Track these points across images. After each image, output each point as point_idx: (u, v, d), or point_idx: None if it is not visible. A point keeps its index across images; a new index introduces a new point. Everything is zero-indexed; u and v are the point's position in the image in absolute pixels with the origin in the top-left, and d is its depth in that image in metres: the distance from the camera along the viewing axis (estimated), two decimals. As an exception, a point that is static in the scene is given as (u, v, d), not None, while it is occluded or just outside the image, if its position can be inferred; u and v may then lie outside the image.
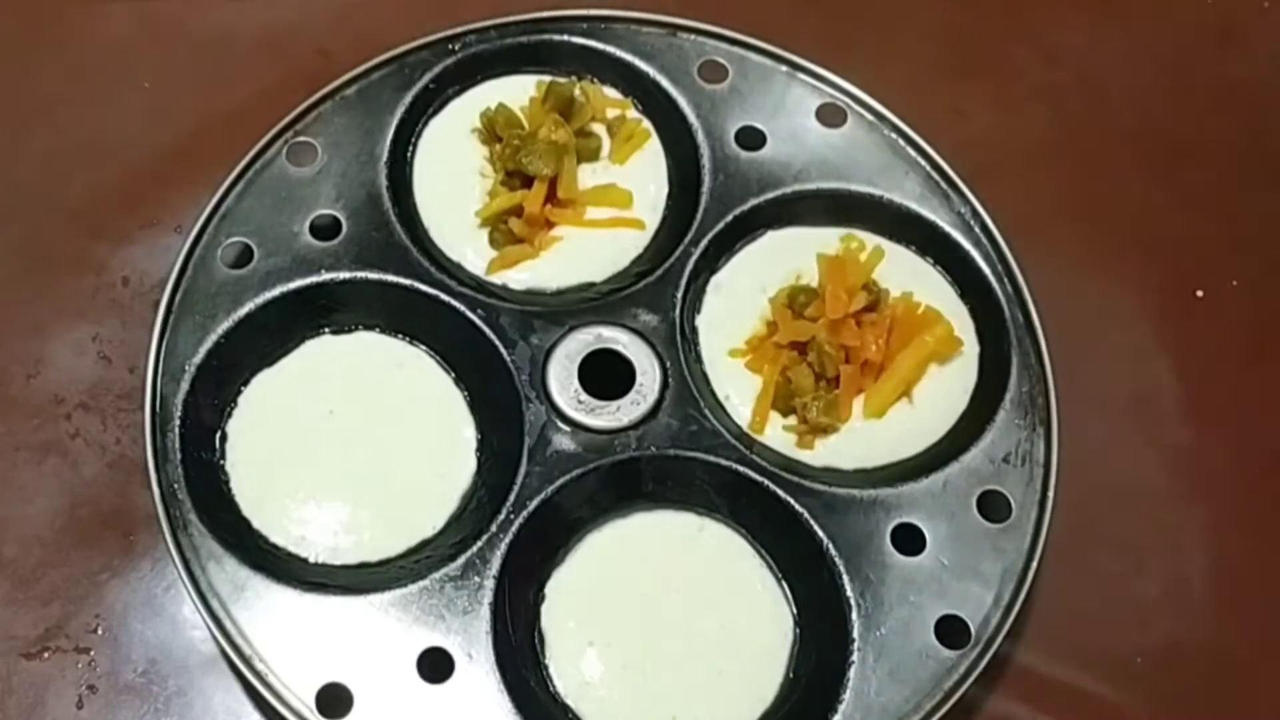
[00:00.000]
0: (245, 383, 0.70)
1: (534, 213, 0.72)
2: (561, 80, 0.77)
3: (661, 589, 0.66)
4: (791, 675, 0.65)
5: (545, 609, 0.65)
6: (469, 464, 0.69)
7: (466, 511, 0.67)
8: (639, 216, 0.75)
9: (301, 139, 0.73)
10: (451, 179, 0.75)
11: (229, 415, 0.69)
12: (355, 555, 0.66)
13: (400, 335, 0.72)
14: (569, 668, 0.64)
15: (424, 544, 0.66)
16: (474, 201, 0.74)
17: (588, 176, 0.75)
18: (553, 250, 0.73)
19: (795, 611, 0.66)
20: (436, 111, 0.76)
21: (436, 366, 0.71)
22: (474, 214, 0.74)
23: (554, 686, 0.64)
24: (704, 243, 0.72)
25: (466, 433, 0.69)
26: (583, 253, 0.73)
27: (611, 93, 0.78)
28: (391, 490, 0.67)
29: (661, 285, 0.71)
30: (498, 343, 0.69)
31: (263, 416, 0.69)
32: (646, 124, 0.77)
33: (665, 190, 0.76)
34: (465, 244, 0.73)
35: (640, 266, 0.73)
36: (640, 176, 0.76)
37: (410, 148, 0.75)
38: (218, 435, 0.68)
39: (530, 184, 0.73)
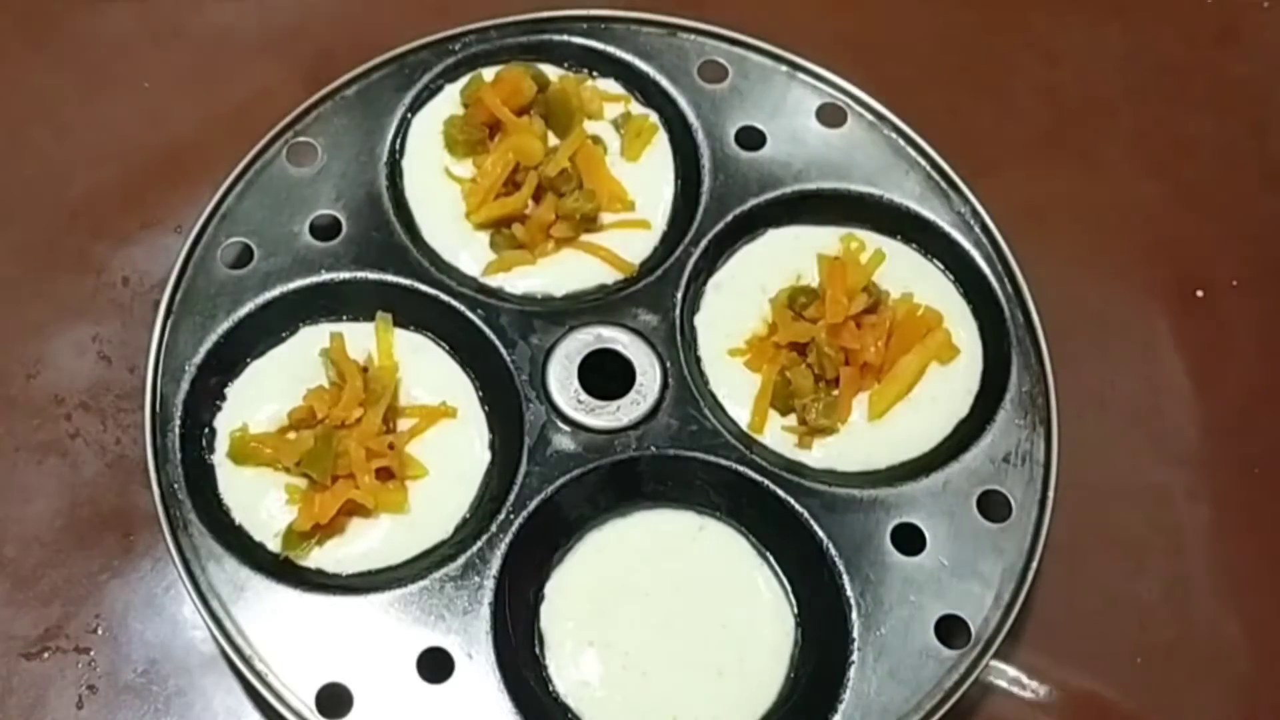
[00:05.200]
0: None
1: (543, 221, 0.72)
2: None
3: (661, 589, 0.66)
4: (792, 675, 0.65)
5: (545, 609, 0.65)
6: (483, 466, 0.68)
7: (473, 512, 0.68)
8: (646, 217, 0.74)
9: (301, 139, 0.73)
10: (442, 177, 0.75)
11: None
12: (377, 561, 0.66)
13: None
14: (569, 668, 0.64)
15: (438, 546, 0.66)
16: (462, 201, 0.74)
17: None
18: (557, 255, 0.73)
19: (796, 611, 0.66)
20: (422, 107, 0.76)
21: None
22: (463, 214, 0.74)
23: (554, 686, 0.64)
24: (704, 243, 0.72)
25: (482, 436, 0.69)
26: (587, 257, 0.73)
27: (610, 88, 0.78)
28: (413, 498, 0.67)
29: (661, 285, 0.71)
30: (497, 343, 0.69)
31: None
32: (654, 117, 0.77)
33: (672, 188, 0.76)
34: (461, 245, 0.73)
35: (648, 266, 0.73)
36: (651, 174, 0.76)
37: (403, 146, 0.75)
38: (218, 436, 0.68)
39: (519, 186, 0.73)
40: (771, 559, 0.67)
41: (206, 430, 0.68)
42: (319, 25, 0.87)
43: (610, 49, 0.78)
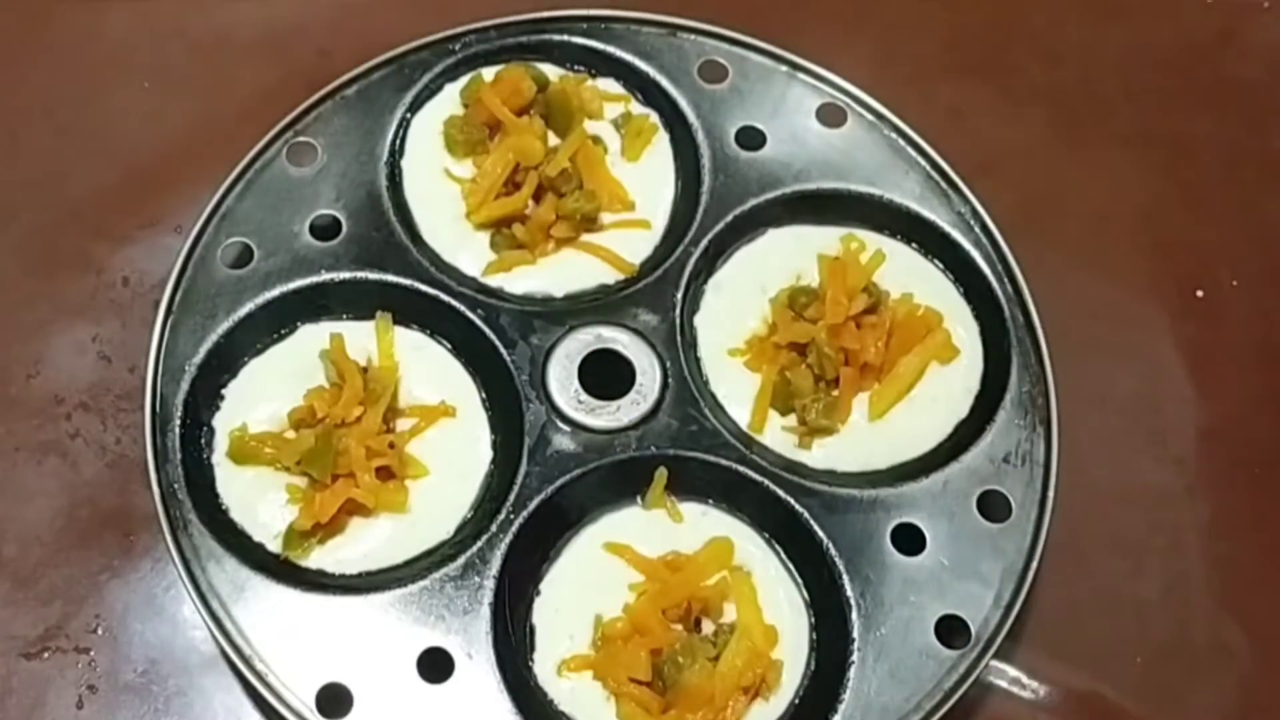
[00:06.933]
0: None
1: (543, 221, 0.72)
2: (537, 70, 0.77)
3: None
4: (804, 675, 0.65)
5: (542, 607, 0.65)
6: (485, 466, 0.68)
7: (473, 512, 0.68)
8: (646, 217, 0.74)
9: (301, 139, 0.73)
10: (442, 177, 0.75)
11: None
12: (377, 562, 0.66)
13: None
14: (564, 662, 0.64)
15: (439, 546, 0.66)
16: (462, 201, 0.74)
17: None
18: (557, 254, 0.73)
19: (808, 605, 0.66)
20: (422, 107, 0.76)
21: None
22: (464, 214, 0.74)
23: (554, 686, 0.64)
24: (704, 243, 0.72)
25: (483, 435, 0.69)
26: (587, 257, 0.73)
27: (610, 88, 0.78)
28: (414, 497, 0.67)
29: (661, 285, 0.71)
30: (497, 343, 0.69)
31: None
32: (654, 117, 0.77)
33: (673, 188, 0.76)
34: (461, 245, 0.73)
35: (648, 266, 0.73)
36: (651, 174, 0.76)
37: (403, 146, 0.75)
38: (217, 435, 0.68)
39: (519, 186, 0.73)
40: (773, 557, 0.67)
41: (206, 430, 0.68)
42: (319, 25, 0.87)
43: (610, 49, 0.78)
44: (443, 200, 0.74)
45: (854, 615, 0.64)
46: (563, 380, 0.69)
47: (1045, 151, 0.86)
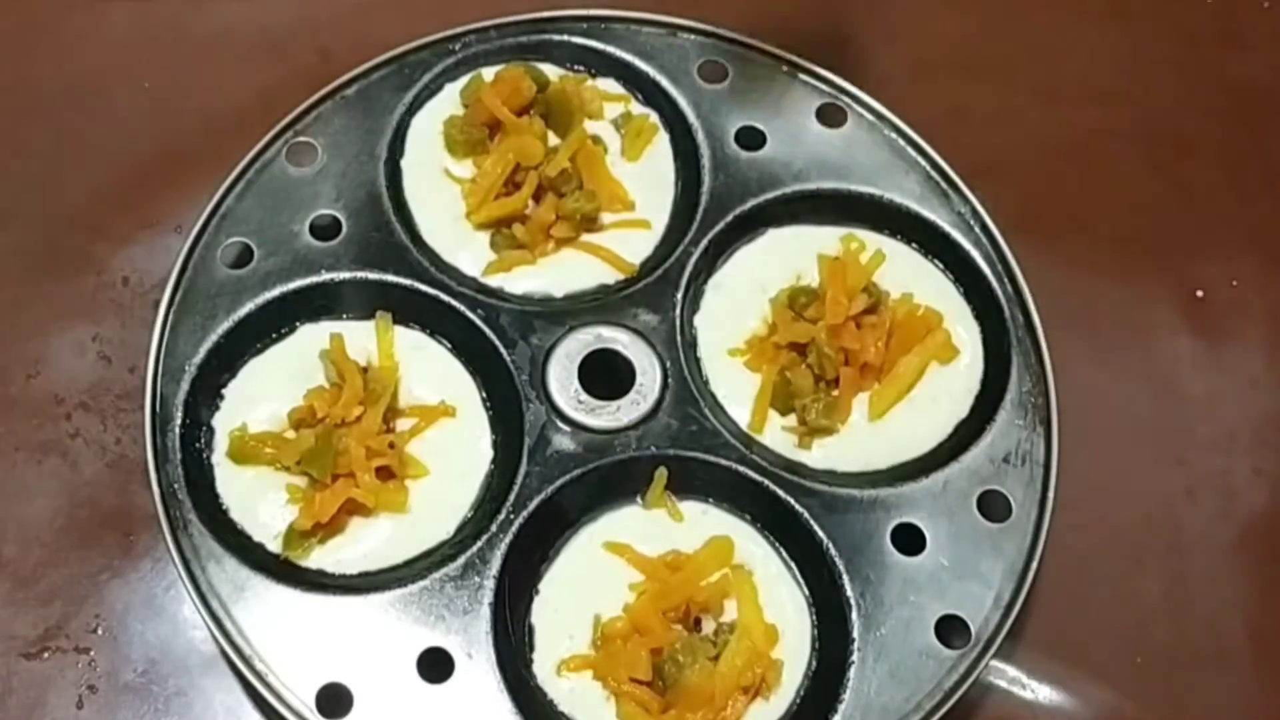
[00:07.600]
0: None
1: (543, 221, 0.72)
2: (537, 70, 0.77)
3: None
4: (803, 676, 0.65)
5: (542, 607, 0.65)
6: (485, 466, 0.68)
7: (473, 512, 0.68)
8: (646, 217, 0.74)
9: (301, 139, 0.73)
10: (442, 177, 0.75)
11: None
12: (377, 562, 0.66)
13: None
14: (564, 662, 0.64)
15: (439, 546, 0.66)
16: (462, 201, 0.74)
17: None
18: (557, 254, 0.73)
19: (811, 606, 0.66)
20: (422, 107, 0.76)
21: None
22: (464, 214, 0.74)
23: (554, 685, 0.64)
24: (704, 243, 0.72)
25: (483, 435, 0.69)
26: (587, 257, 0.73)
27: (610, 88, 0.78)
28: (414, 497, 0.67)
29: (661, 285, 0.71)
30: (497, 342, 0.69)
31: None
32: (654, 118, 0.77)
33: (673, 188, 0.76)
34: (461, 245, 0.73)
35: (648, 266, 0.73)
36: (651, 174, 0.76)
37: (403, 146, 0.75)
38: (217, 435, 0.68)
39: (519, 186, 0.73)
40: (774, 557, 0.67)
41: (206, 430, 0.68)
42: (319, 25, 0.87)
43: (610, 49, 0.78)
44: (443, 200, 0.74)
45: (854, 615, 0.64)
46: (563, 380, 0.69)
47: (1045, 151, 0.86)
